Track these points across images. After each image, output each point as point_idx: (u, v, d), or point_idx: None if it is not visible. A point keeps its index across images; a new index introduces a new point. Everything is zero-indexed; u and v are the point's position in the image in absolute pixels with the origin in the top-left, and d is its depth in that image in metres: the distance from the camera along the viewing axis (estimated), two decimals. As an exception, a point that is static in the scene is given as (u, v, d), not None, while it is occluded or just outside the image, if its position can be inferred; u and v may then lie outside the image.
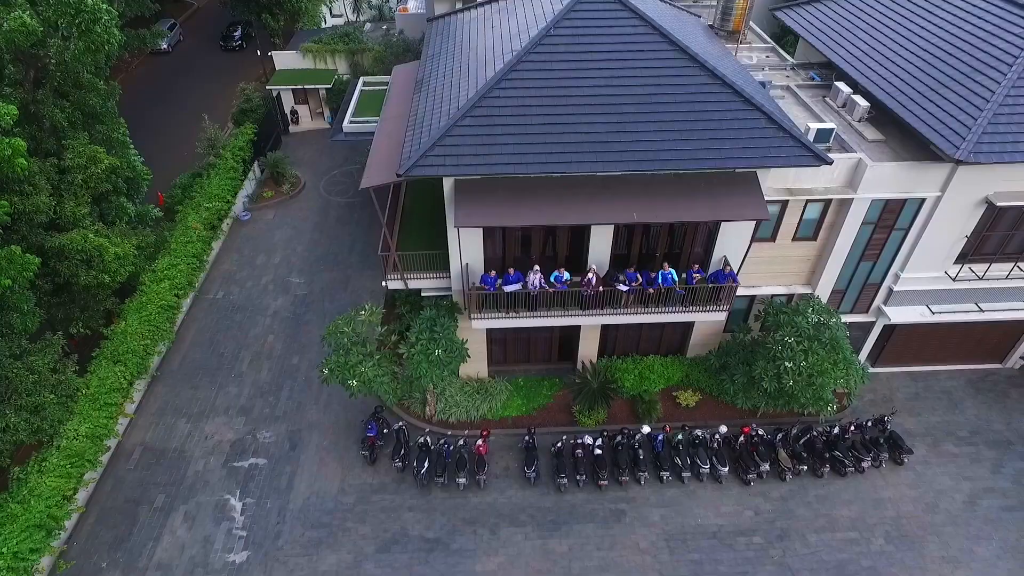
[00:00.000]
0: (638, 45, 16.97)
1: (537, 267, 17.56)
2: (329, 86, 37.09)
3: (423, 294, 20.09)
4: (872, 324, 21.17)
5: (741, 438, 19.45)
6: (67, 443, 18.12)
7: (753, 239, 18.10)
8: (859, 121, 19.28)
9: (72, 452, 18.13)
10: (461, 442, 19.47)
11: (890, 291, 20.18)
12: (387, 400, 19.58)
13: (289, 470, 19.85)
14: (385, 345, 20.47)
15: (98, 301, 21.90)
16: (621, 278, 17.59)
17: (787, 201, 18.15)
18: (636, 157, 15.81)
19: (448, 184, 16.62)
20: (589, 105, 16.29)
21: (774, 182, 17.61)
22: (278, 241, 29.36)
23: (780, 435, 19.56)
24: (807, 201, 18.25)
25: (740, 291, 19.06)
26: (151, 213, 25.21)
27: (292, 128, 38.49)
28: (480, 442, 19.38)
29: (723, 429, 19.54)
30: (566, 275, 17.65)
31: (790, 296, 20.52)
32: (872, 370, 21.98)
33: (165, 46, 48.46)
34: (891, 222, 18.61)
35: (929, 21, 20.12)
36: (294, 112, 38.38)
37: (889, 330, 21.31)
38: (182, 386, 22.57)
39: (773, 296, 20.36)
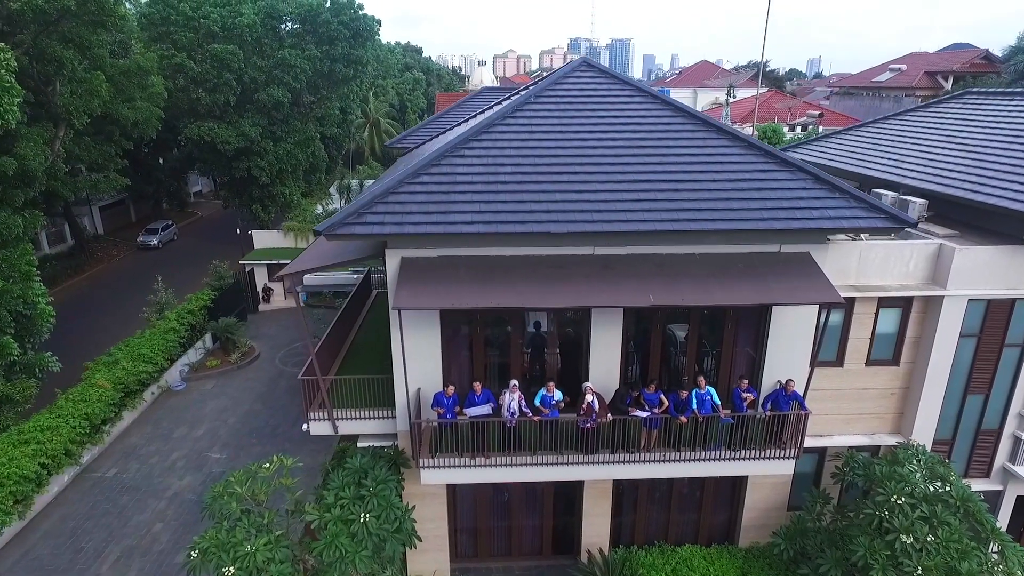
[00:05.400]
0: (640, 113, 13.89)
1: (515, 383, 12.25)
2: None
3: (360, 443, 14.35)
4: (999, 494, 14.90)
5: None
6: None
7: (814, 361, 13.03)
8: (918, 219, 15.50)
9: None
10: None
11: (1017, 441, 14.41)
12: (285, 606, 12.56)
13: None
14: (304, 524, 14.03)
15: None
16: (637, 396, 12.16)
17: (853, 302, 13.50)
18: (646, 217, 11.62)
19: (393, 264, 12.22)
20: (581, 165, 12.61)
21: (833, 277, 13.10)
22: (208, 412, 23.86)
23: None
24: (879, 303, 13.62)
25: (806, 441, 13.33)
26: (46, 363, 20.29)
27: (262, 307, 35.18)
28: None
29: (818, 662, 12.22)
30: (558, 394, 12.24)
31: (875, 448, 14.67)
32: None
33: (155, 243, 48.01)
34: (999, 334, 13.74)
35: (968, 123, 17.65)
36: (267, 290, 35.45)
37: (1025, 503, 14.99)
38: (2, 595, 15.43)
39: (850, 448, 14.51)
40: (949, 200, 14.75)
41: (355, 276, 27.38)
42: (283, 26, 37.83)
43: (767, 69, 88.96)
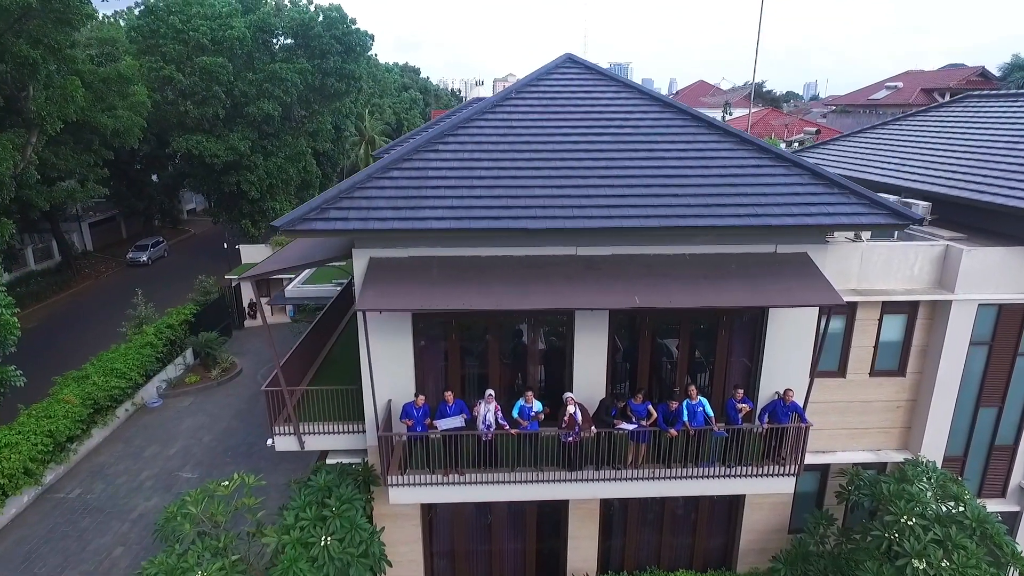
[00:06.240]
0: (626, 108, 13.20)
1: (491, 393, 11.34)
2: (294, 277, 33.90)
3: (329, 459, 13.38)
4: (1016, 515, 13.88)
5: None
6: None
7: (814, 371, 12.12)
8: (923, 217, 14.70)
9: None
10: None
11: (1033, 457, 13.46)
12: (240, 639, 11.50)
13: None
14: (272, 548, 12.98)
15: None
16: (623, 408, 11.24)
17: (855, 307, 12.65)
18: (631, 213, 10.83)
19: (360, 265, 11.39)
20: (564, 161, 11.87)
21: (833, 280, 12.22)
22: (184, 429, 22.87)
23: None
24: (883, 309, 12.76)
25: (807, 458, 12.36)
26: (10, 377, 19.30)
27: (248, 323, 34.31)
28: None
29: None
30: (537, 405, 11.31)
31: (881, 465, 13.69)
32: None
33: (145, 259, 47.29)
34: (1012, 342, 12.88)
35: (970, 125, 16.99)
36: (253, 305, 34.59)
37: (1045, 526, 13.93)
38: (-58, 625, 14.34)
39: (855, 465, 13.50)
40: (953, 202, 13.98)
41: (339, 289, 26.57)
42: (275, 40, 37.54)
43: (764, 90, 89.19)
